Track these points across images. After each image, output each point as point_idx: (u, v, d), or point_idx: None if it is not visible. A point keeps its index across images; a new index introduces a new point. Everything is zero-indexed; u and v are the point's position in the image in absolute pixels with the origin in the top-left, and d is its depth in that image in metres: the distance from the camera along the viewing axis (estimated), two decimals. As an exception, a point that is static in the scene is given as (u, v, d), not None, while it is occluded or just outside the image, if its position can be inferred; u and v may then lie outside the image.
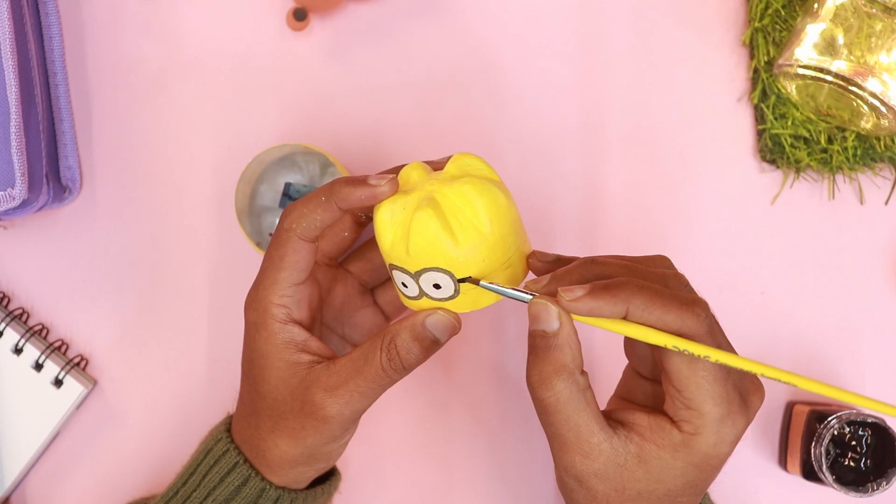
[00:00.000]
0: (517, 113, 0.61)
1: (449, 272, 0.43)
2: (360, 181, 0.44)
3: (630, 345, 0.47)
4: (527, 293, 0.42)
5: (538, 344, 0.42)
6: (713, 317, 0.41)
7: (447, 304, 0.44)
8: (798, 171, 0.60)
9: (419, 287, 0.44)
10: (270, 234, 0.58)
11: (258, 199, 0.58)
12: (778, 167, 0.60)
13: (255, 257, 0.56)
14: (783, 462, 0.60)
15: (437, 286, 0.43)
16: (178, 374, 0.60)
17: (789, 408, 0.60)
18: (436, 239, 0.42)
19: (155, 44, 0.61)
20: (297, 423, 0.46)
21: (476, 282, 0.43)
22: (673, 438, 0.41)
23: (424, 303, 0.44)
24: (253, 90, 0.61)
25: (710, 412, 0.41)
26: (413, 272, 0.43)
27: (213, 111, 0.61)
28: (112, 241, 0.61)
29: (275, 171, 0.58)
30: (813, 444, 0.56)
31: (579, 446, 0.41)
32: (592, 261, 0.43)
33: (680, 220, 0.60)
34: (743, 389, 0.42)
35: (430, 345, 0.44)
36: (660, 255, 0.46)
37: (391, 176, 0.44)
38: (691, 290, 0.44)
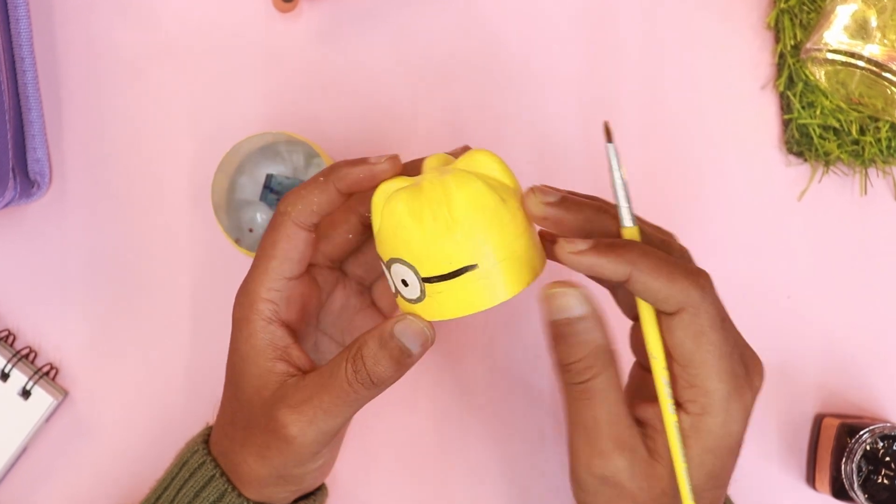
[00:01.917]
0: (522, 102, 0.60)
1: (412, 266, 0.41)
2: (360, 160, 0.44)
3: (636, 340, 0.47)
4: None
5: (565, 332, 0.41)
6: (716, 292, 0.42)
7: (417, 309, 0.42)
8: (827, 164, 0.60)
9: (392, 281, 0.43)
10: (250, 230, 0.58)
11: (237, 192, 0.58)
12: (805, 160, 0.60)
13: (235, 255, 0.57)
14: (811, 480, 0.59)
15: (404, 282, 0.42)
16: (154, 383, 0.60)
17: (818, 421, 0.59)
18: (399, 225, 0.41)
19: (130, 26, 0.60)
20: (262, 441, 0.44)
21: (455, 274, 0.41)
22: (682, 424, 0.41)
23: (401, 303, 0.43)
24: (235, 76, 0.60)
25: (717, 389, 0.41)
26: (385, 260, 0.42)
27: (193, 99, 0.60)
28: (83, 240, 0.60)
29: (255, 162, 0.58)
30: (843, 460, 0.55)
31: (610, 440, 0.42)
32: (604, 211, 0.43)
33: (699, 218, 0.60)
34: (746, 361, 0.42)
35: (400, 355, 0.42)
36: (666, 230, 0.46)
37: (392, 154, 0.44)
38: (693, 263, 0.44)
